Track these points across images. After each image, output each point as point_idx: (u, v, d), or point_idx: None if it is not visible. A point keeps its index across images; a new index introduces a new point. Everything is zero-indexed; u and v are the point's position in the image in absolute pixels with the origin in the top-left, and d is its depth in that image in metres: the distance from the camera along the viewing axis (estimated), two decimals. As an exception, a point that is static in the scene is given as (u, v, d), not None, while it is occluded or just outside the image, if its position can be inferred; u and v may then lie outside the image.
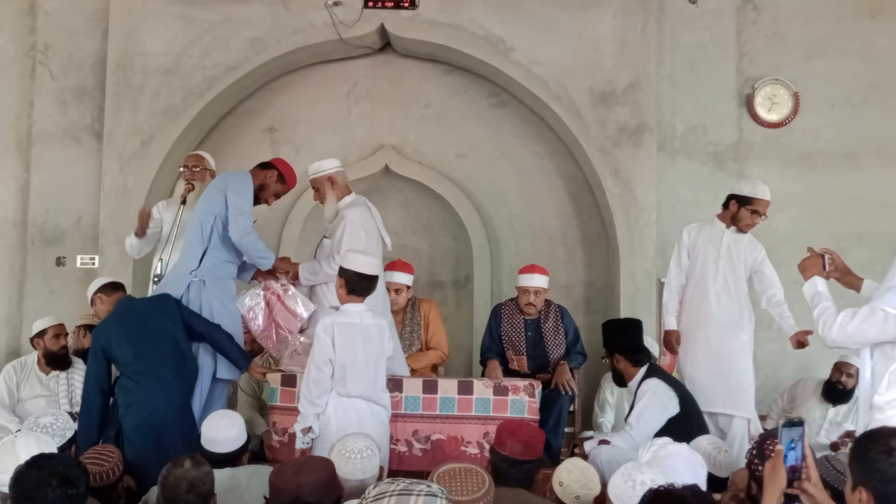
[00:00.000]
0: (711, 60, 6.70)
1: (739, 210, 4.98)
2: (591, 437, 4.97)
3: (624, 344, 4.76)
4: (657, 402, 4.47)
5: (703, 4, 6.67)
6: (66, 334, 5.40)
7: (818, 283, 3.43)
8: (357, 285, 4.10)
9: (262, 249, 4.61)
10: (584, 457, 4.33)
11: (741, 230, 5.02)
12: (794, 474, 2.22)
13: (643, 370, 4.66)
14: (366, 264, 4.14)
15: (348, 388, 4.01)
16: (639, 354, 4.72)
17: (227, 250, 4.64)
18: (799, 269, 3.56)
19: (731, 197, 5.05)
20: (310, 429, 3.99)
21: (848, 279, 3.62)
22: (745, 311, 5.05)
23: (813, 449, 2.34)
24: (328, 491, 2.77)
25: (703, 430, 4.46)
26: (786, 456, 2.21)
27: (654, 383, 4.55)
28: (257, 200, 4.77)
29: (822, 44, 6.75)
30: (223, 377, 4.59)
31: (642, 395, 4.54)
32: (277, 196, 4.92)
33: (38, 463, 2.57)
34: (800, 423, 2.25)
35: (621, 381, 4.82)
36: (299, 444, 4.03)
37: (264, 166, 4.91)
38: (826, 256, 3.54)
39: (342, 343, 3.99)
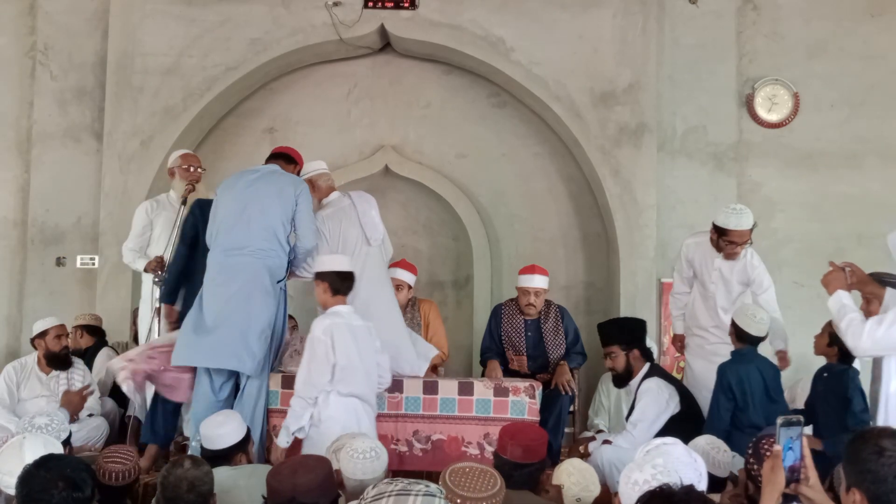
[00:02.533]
0: (711, 60, 6.69)
1: (718, 240, 4.84)
2: (591, 438, 4.97)
3: (640, 338, 4.80)
4: (658, 401, 4.49)
5: (703, 4, 6.67)
6: (68, 334, 5.40)
7: (842, 297, 3.47)
8: (340, 285, 4.19)
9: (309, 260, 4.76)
10: (588, 456, 4.34)
11: (727, 258, 4.90)
12: (793, 474, 2.20)
13: (645, 369, 4.67)
14: (340, 262, 4.27)
15: (350, 387, 4.05)
16: (649, 350, 4.79)
17: None
18: (822, 285, 3.60)
19: (714, 224, 4.89)
20: (301, 428, 4.06)
21: (870, 289, 3.63)
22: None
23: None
24: (324, 491, 2.76)
25: (703, 429, 4.47)
26: (784, 456, 2.20)
27: (655, 382, 4.56)
28: None
29: (822, 44, 6.75)
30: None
31: (643, 394, 4.54)
32: None
33: (46, 464, 2.55)
34: (798, 422, 2.23)
35: (624, 380, 4.80)
36: (283, 443, 4.08)
37: (288, 159, 4.93)
38: (847, 269, 3.58)
39: (341, 344, 4.04)
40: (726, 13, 6.72)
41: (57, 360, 5.27)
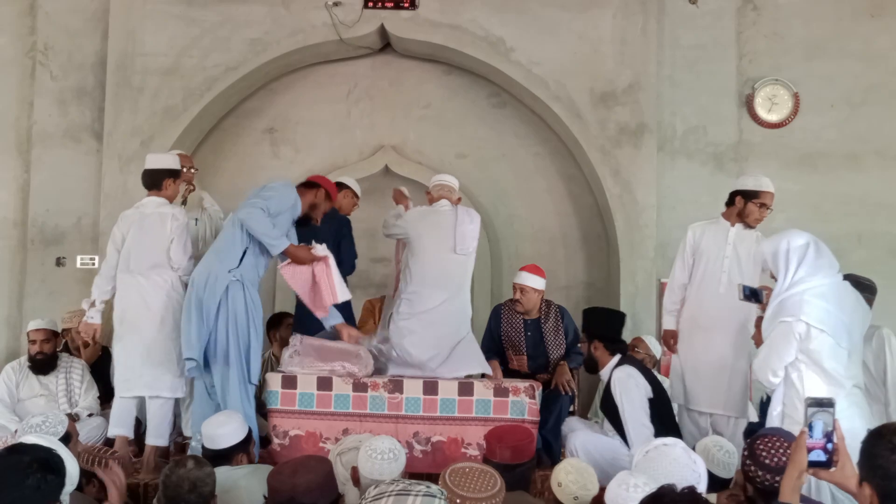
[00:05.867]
0: (711, 60, 6.69)
1: (747, 205, 4.90)
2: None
3: (604, 332, 4.82)
4: (634, 387, 4.54)
5: (703, 4, 6.67)
6: (47, 340, 5.30)
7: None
8: (143, 181, 4.88)
9: (268, 233, 4.59)
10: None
11: (749, 225, 4.96)
12: (825, 455, 2.15)
13: (616, 359, 4.70)
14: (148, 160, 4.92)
15: (131, 265, 4.69)
16: (616, 344, 4.80)
17: (263, 256, 4.70)
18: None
19: (735, 193, 4.98)
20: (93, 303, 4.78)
21: None
22: (751, 310, 5.01)
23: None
24: (324, 492, 2.76)
25: (672, 421, 4.59)
26: (810, 437, 2.16)
27: (627, 371, 4.61)
28: (308, 220, 4.91)
29: (822, 44, 6.75)
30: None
31: (616, 384, 4.59)
32: (325, 212, 5.08)
33: (18, 448, 2.49)
34: (829, 403, 2.18)
35: (594, 367, 4.87)
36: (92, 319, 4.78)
37: (309, 185, 4.98)
38: None
39: (124, 229, 4.77)
40: (726, 13, 6.72)
41: (35, 365, 5.25)
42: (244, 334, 4.54)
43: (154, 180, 4.82)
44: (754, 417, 5.20)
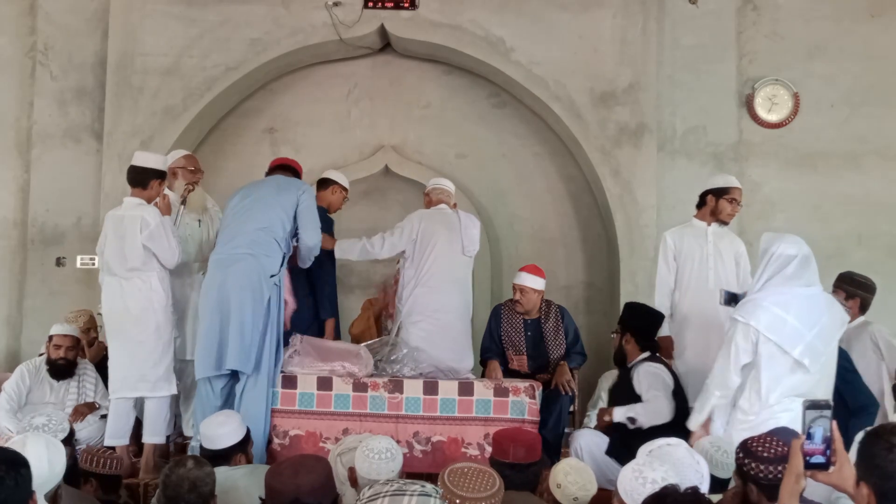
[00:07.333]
0: (711, 60, 6.69)
1: (719, 202, 5.08)
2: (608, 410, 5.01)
3: (640, 327, 4.85)
4: (657, 377, 4.57)
5: (703, 5, 6.66)
6: (71, 347, 5.18)
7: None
8: (127, 177, 4.80)
9: (315, 252, 4.88)
10: (610, 423, 4.49)
11: (724, 222, 5.13)
12: (824, 458, 2.15)
13: (645, 355, 4.73)
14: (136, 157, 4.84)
15: (111, 268, 4.69)
16: (648, 342, 4.82)
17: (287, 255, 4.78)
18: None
19: (706, 193, 5.15)
20: None
21: None
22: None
23: None
24: (326, 491, 2.76)
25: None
26: (809, 439, 2.15)
27: (654, 365, 4.65)
28: None
29: (822, 44, 6.74)
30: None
31: (644, 375, 4.61)
32: None
33: None
34: (826, 405, 2.16)
35: (622, 360, 4.89)
36: None
37: (292, 171, 5.07)
38: None
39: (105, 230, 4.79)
40: (726, 13, 6.72)
41: (54, 369, 5.16)
42: (278, 338, 4.60)
43: (142, 178, 4.75)
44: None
